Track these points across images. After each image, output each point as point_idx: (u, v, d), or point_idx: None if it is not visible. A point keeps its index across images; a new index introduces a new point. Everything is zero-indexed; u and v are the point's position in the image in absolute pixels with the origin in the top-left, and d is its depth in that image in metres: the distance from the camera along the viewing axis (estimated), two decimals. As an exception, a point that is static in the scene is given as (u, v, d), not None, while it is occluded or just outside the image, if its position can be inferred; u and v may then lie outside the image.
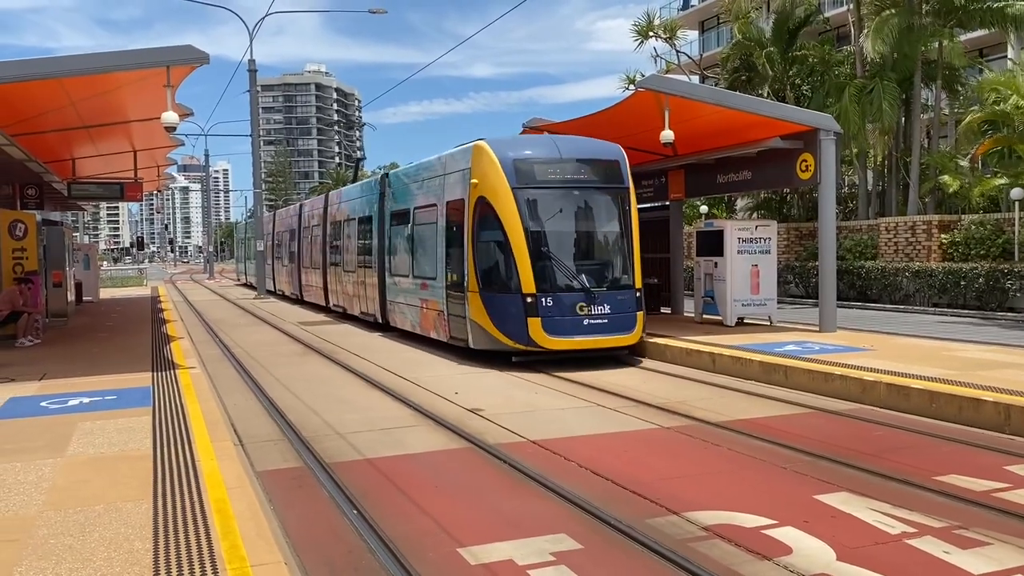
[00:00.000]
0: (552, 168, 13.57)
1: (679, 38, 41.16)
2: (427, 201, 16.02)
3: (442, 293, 14.92)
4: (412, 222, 16.79)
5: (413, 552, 5.39)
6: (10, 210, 19.82)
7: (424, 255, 16.06)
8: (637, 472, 7.27)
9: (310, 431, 9.07)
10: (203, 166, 79.82)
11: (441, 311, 15.00)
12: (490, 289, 13.44)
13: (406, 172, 18.23)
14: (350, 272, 22.18)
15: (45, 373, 12.52)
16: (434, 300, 15.39)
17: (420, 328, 16.42)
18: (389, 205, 18.70)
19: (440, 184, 15.36)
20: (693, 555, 5.32)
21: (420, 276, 16.25)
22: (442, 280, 14.91)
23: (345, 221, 22.96)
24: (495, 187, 13.29)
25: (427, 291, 15.79)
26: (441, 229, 15.01)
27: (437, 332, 15.43)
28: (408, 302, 17.14)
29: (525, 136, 17.69)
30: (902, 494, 6.46)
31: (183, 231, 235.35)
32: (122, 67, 12.50)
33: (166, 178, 30.74)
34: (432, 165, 16.25)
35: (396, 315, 18.16)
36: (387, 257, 18.61)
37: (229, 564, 4.89)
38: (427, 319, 15.97)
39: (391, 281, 18.37)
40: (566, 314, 13.03)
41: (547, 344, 12.97)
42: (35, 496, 6.35)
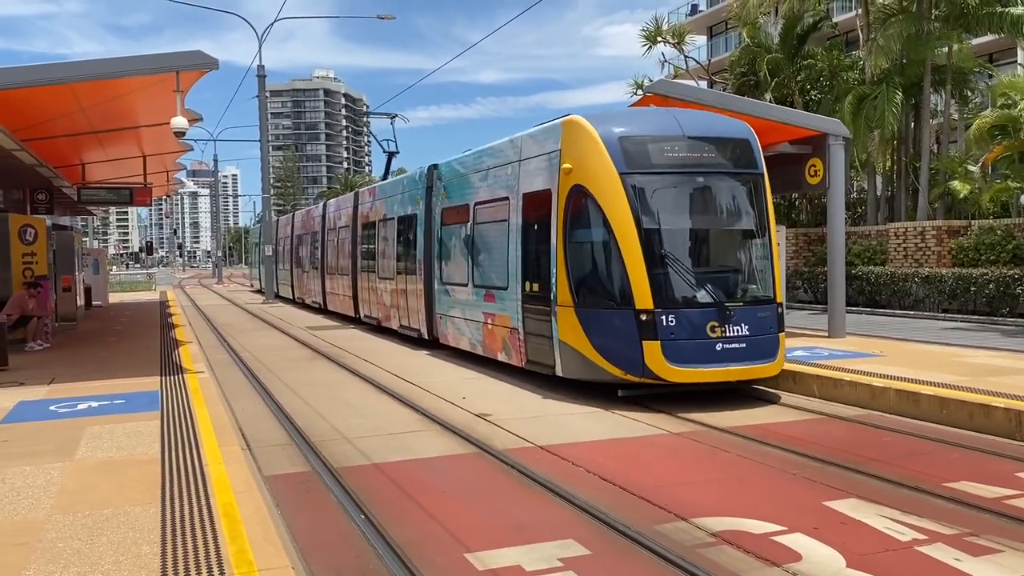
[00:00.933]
0: (671, 148, 10.81)
1: (687, 43, 41.13)
2: (493, 194, 13.46)
3: (516, 307, 12.32)
4: (472, 220, 14.18)
5: (420, 557, 5.38)
6: (20, 214, 19.90)
7: (490, 260, 13.54)
8: (645, 478, 7.25)
9: (316, 435, 9.06)
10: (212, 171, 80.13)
11: (514, 329, 12.41)
12: (589, 303, 10.76)
13: (462, 161, 15.25)
14: (386, 279, 19.52)
15: (54, 377, 12.57)
16: (503, 315, 12.79)
17: (482, 348, 13.81)
18: (439, 201, 16.04)
19: (513, 173, 12.71)
20: (701, 561, 5.29)
21: (484, 285, 13.68)
22: (516, 291, 12.32)
23: (381, 221, 20.19)
24: (597, 173, 10.60)
25: (494, 304, 13.19)
26: (515, 228, 12.44)
27: (507, 354, 12.80)
28: (466, 316, 14.49)
29: (629, 110, 15.05)
30: (912, 501, 6.42)
31: (192, 236, 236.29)
32: (132, 72, 12.56)
33: (175, 183, 30.88)
34: (500, 151, 13.53)
35: (448, 331, 15.48)
36: (437, 262, 15.96)
37: (236, 568, 4.89)
38: (493, 338, 13.36)
39: (442, 290, 15.77)
40: (694, 336, 10.24)
41: (668, 375, 10.14)
42: (44, 500, 6.37)
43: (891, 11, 28.13)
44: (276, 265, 36.73)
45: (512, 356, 12.62)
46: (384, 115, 26.43)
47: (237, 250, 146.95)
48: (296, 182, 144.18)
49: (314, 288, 28.62)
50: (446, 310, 15.54)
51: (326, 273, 26.51)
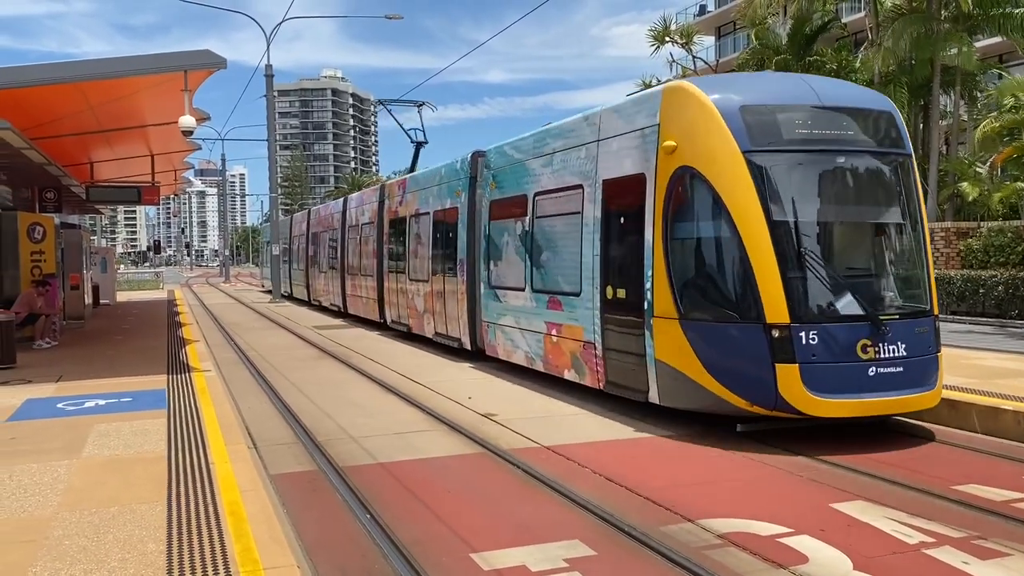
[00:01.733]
0: (805, 120, 8.81)
1: (695, 43, 41.09)
2: (561, 182, 11.40)
3: (592, 317, 10.33)
4: (531, 214, 12.23)
5: (426, 557, 5.38)
6: (29, 213, 19.98)
7: (555, 260, 11.62)
8: (651, 479, 7.23)
9: (323, 435, 9.06)
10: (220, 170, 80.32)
11: (589, 343, 10.45)
12: (701, 314, 8.77)
13: (518, 145, 13.14)
14: (419, 281, 17.50)
15: (62, 375, 12.61)
16: (573, 326, 10.84)
17: (543, 363, 11.87)
18: (486, 193, 14.05)
19: (589, 156, 10.65)
20: (708, 563, 5.28)
21: (546, 290, 11.74)
22: (594, 297, 10.30)
23: (412, 217, 18.19)
24: (713, 152, 8.63)
25: (560, 312, 11.24)
26: (592, 221, 10.45)
27: (578, 373, 10.84)
28: (521, 325, 12.56)
29: (746, 73, 12.65)
30: (920, 503, 6.39)
31: (199, 235, 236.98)
32: (140, 71, 12.61)
33: (183, 182, 31.02)
34: (571, 130, 11.36)
35: (497, 342, 13.49)
36: (483, 263, 14.04)
37: (242, 567, 4.89)
38: (558, 353, 11.37)
39: (489, 295, 13.78)
40: (840, 358, 8.23)
41: (809, 407, 8.06)
42: (51, 497, 6.39)
43: (900, 11, 28.05)
44: (290, 265, 35.81)
45: (585, 375, 10.64)
46: (411, 103, 24.77)
47: (245, 249, 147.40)
48: (304, 182, 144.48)
49: (332, 289, 26.87)
50: (495, 318, 13.56)
51: (346, 274, 24.69)
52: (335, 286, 26.20)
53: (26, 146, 13.42)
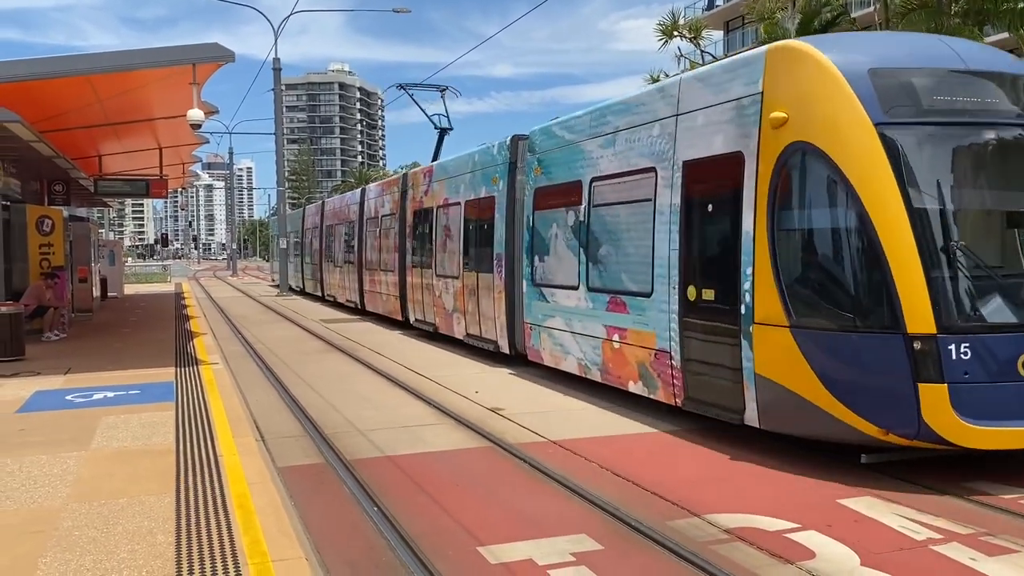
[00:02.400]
0: (951, 88, 7.37)
1: (704, 38, 40.90)
2: (627, 165, 9.90)
3: (669, 321, 8.86)
4: (587, 202, 10.75)
5: (433, 550, 5.39)
6: (38, 206, 20.07)
7: (618, 255, 10.18)
8: (658, 474, 7.23)
9: (331, 427, 9.08)
10: (227, 164, 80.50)
11: (663, 352, 9.01)
12: (818, 320, 7.28)
13: (570, 125, 11.61)
14: (448, 278, 16.10)
15: (70, 367, 12.68)
16: (642, 331, 9.41)
17: (602, 373, 10.44)
18: (530, 180, 12.56)
19: (665, 134, 9.14)
20: (715, 558, 5.28)
21: (607, 289, 10.30)
22: (670, 298, 8.84)
23: (440, 208, 16.81)
24: (836, 123, 7.20)
25: (625, 315, 9.82)
26: (668, 209, 8.94)
27: (647, 385, 9.41)
28: (573, 329, 11.10)
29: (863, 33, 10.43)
30: (927, 500, 6.37)
31: (207, 228, 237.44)
32: (149, 64, 12.65)
33: (191, 175, 31.08)
34: (640, 104, 9.85)
35: (543, 346, 12.03)
36: (526, 258, 12.57)
37: (250, 559, 4.92)
38: (621, 361, 9.98)
39: (533, 294, 12.32)
40: (999, 376, 6.82)
41: (961, 437, 6.68)
42: (60, 488, 6.43)
43: (910, 6, 27.90)
44: (301, 259, 34.88)
45: (656, 390, 9.23)
46: (433, 87, 23.44)
47: (252, 243, 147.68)
48: (310, 176, 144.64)
49: (348, 285, 25.45)
50: (540, 319, 12.08)
51: (364, 268, 23.34)
52: (351, 282, 24.92)
53: (35, 139, 13.46)
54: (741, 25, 48.33)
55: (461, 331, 15.37)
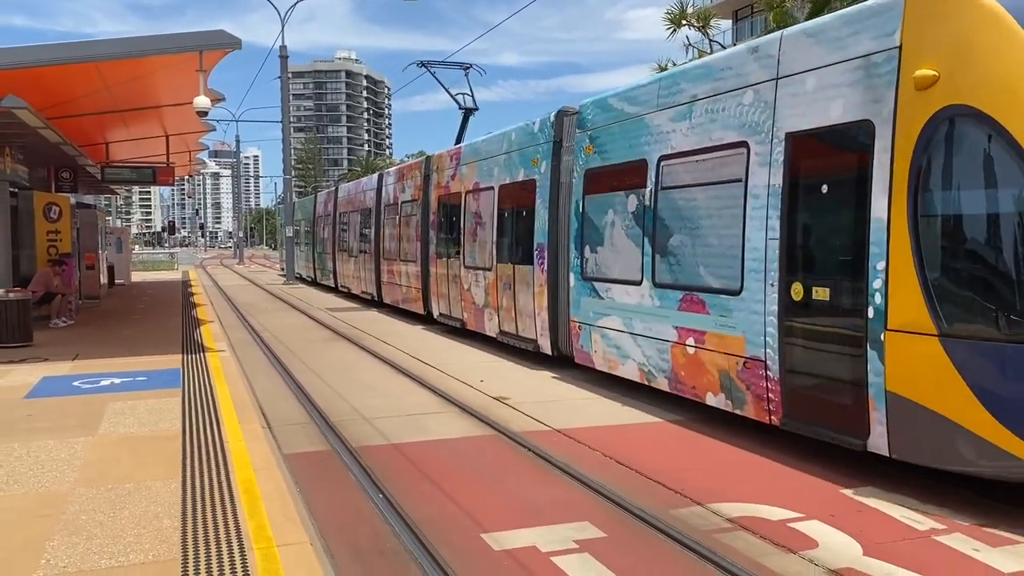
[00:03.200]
0: None
1: (712, 27, 40.72)
2: (708, 140, 8.58)
3: (764, 323, 7.62)
4: (654, 185, 9.44)
5: (437, 536, 5.42)
6: (45, 192, 20.12)
7: (696, 245, 8.80)
8: (662, 462, 7.25)
9: (336, 415, 9.12)
10: (234, 152, 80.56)
11: (756, 360, 7.75)
12: (982, 329, 5.99)
13: (631, 95, 10.21)
14: (478, 269, 14.85)
15: (78, 353, 12.74)
16: (729, 335, 8.15)
17: (671, 382, 9.21)
18: (580, 160, 11.26)
19: (761, 101, 7.80)
20: (717, 546, 5.30)
21: (680, 284, 9.00)
22: (767, 296, 7.59)
23: (470, 193, 15.43)
24: (1008, 82, 5.89)
25: (706, 315, 8.53)
26: (766, 191, 7.62)
27: (731, 398, 8.22)
28: (634, 330, 9.86)
29: None
30: (930, 491, 6.37)
31: (214, 216, 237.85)
32: (156, 51, 12.66)
33: (197, 163, 31.12)
34: (727, 68, 8.48)
35: (595, 348, 10.79)
36: (575, 248, 11.32)
37: (256, 544, 4.96)
38: (697, 369, 8.74)
39: (583, 288, 11.03)
40: None
41: None
42: (67, 473, 6.48)
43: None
44: (313, 248, 33.80)
45: (745, 404, 7.96)
46: (456, 65, 22.00)
47: (259, 231, 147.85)
48: (317, 164, 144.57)
49: (364, 276, 24.10)
50: (591, 318, 10.85)
51: (382, 258, 22.02)
52: (367, 272, 23.60)
53: (42, 125, 13.49)
54: (750, 14, 48.12)
55: (493, 328, 14.17)
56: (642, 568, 5.06)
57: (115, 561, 4.75)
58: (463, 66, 21.87)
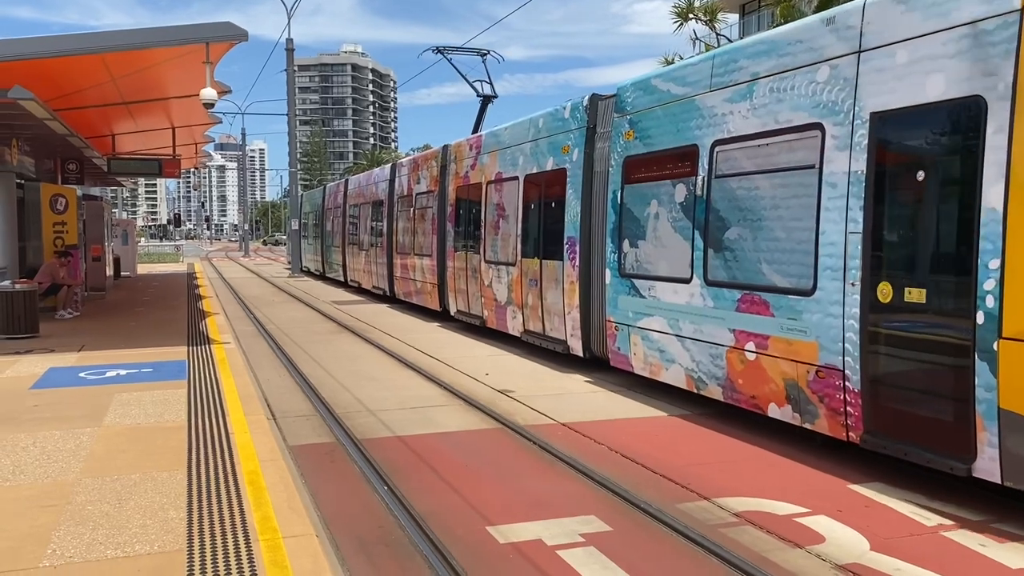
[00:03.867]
0: None
1: (720, 20, 40.57)
2: (772, 122, 7.77)
3: (844, 328, 6.81)
4: (708, 171, 8.60)
5: (443, 529, 5.41)
6: (51, 184, 20.15)
7: (758, 239, 7.89)
8: (668, 457, 7.23)
9: (342, 407, 9.12)
10: (240, 145, 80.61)
11: (832, 369, 6.95)
12: None
13: (679, 75, 9.35)
14: (501, 264, 14.05)
15: (84, 345, 12.77)
16: (797, 340, 7.34)
17: (726, 390, 8.37)
18: (618, 147, 10.38)
19: (840, 77, 7.00)
20: (724, 540, 5.28)
21: (738, 283, 8.14)
22: (845, 296, 6.80)
23: (492, 183, 14.65)
24: None
25: (770, 317, 7.68)
26: (846, 178, 6.85)
27: (799, 411, 7.38)
28: (683, 331, 9.00)
29: None
30: (938, 486, 6.35)
31: (219, 209, 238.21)
32: (163, 43, 12.65)
33: (203, 156, 31.11)
34: (795, 41, 7.57)
35: (634, 350, 9.97)
36: (612, 242, 10.44)
37: (262, 535, 4.96)
38: (757, 376, 7.89)
39: (622, 286, 10.17)
40: None
41: None
42: (73, 464, 6.48)
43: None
44: (322, 241, 33.22)
45: (816, 418, 7.17)
46: (473, 51, 21.27)
47: (264, 224, 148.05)
48: (323, 157, 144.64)
49: (376, 271, 23.45)
50: (630, 318, 10.02)
51: (395, 252, 21.39)
52: (379, 267, 22.93)
53: (49, 117, 13.49)
54: (757, 8, 47.92)
55: (517, 327, 13.41)
56: (648, 562, 5.04)
57: (121, 551, 4.75)
58: (480, 52, 21.04)
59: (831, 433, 7.03)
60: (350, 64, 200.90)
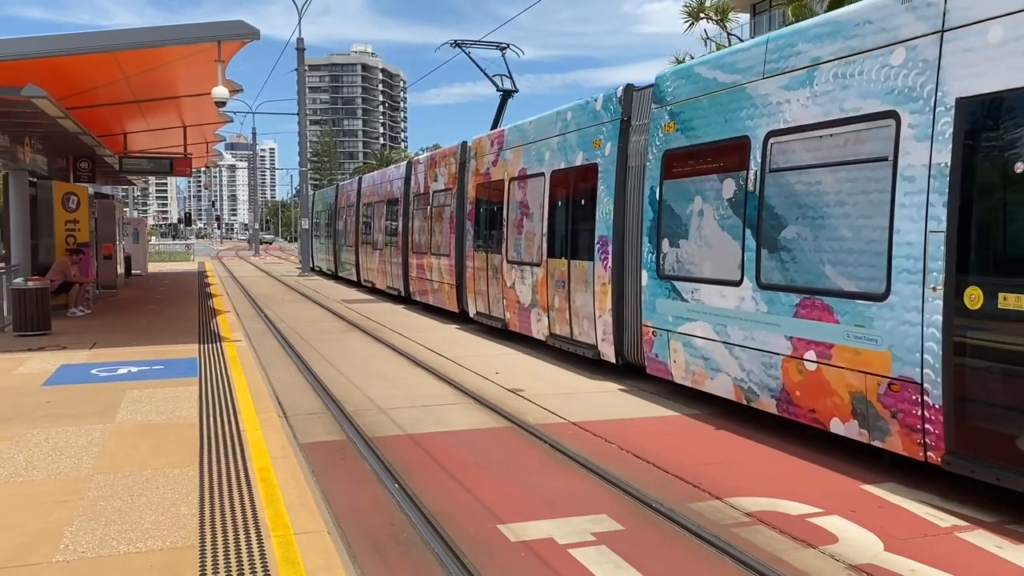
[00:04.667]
0: None
1: (731, 20, 40.45)
2: (837, 111, 7.13)
3: (924, 337, 6.19)
4: (761, 165, 7.98)
5: (454, 527, 5.40)
6: (63, 182, 20.25)
7: (819, 238, 7.25)
8: (679, 456, 7.20)
9: (352, 405, 9.12)
10: (250, 144, 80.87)
11: (907, 382, 6.35)
12: None
13: (726, 61, 8.77)
14: (525, 265, 13.45)
15: (95, 342, 12.82)
16: (867, 349, 6.72)
17: (781, 402, 7.72)
18: (657, 140, 9.75)
19: (919, 60, 6.39)
20: (736, 540, 5.25)
21: (798, 287, 7.48)
22: (924, 302, 6.19)
23: (515, 180, 14.08)
24: None
25: (834, 324, 7.03)
26: (928, 172, 6.24)
27: (867, 427, 6.76)
28: (731, 338, 8.35)
29: None
30: (952, 487, 6.30)
31: (230, 208, 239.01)
32: (174, 41, 12.69)
33: (214, 155, 31.21)
34: (864, 22, 7.00)
35: (674, 357, 9.34)
36: (650, 241, 9.81)
37: (273, 531, 4.96)
38: (818, 389, 7.26)
39: (661, 288, 9.55)
40: None
41: None
42: (85, 460, 6.50)
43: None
44: (334, 240, 32.83)
45: (888, 435, 6.52)
46: (492, 45, 20.67)
47: (274, 223, 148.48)
48: (332, 157, 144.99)
49: (391, 271, 22.93)
50: (671, 323, 9.39)
51: (410, 251, 20.88)
52: (394, 267, 22.43)
53: (62, 115, 13.55)
54: (768, 8, 47.76)
55: (542, 331, 12.83)
56: (660, 562, 5.02)
57: (133, 547, 4.76)
58: (499, 46, 20.35)
59: (905, 452, 6.40)
60: (360, 64, 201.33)
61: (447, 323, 17.11)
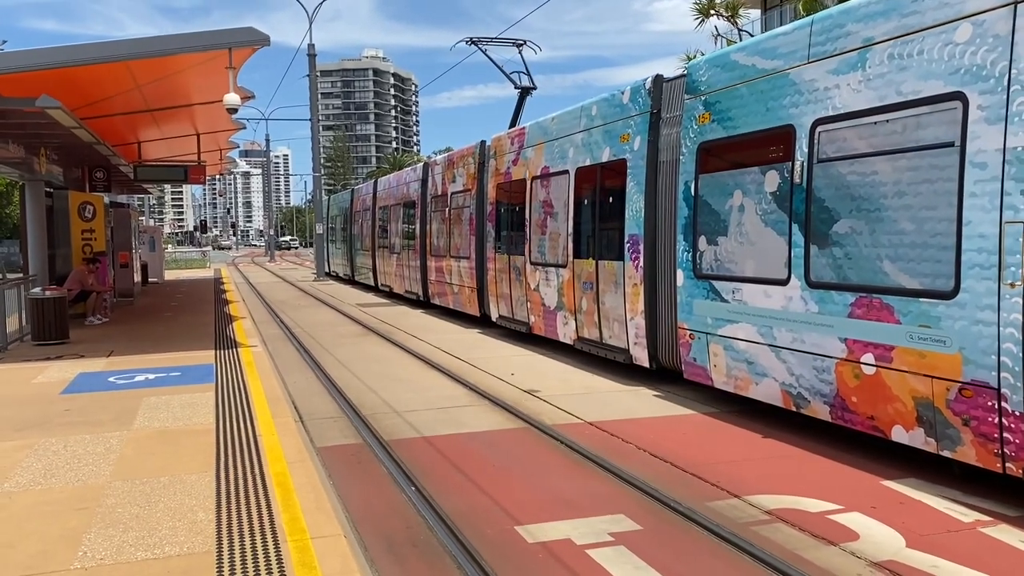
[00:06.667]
0: None
1: (741, 16, 40.29)
2: (892, 95, 6.62)
3: (1000, 339, 5.69)
4: (808, 156, 7.47)
5: (471, 529, 5.38)
6: (79, 192, 20.40)
7: (876, 233, 6.75)
8: (696, 455, 7.15)
9: (368, 408, 9.12)
10: (264, 151, 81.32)
11: (982, 388, 5.83)
12: None
13: (766, 47, 8.19)
14: (550, 266, 13.00)
15: (112, 350, 12.89)
16: (933, 352, 6.21)
17: (835, 409, 7.22)
18: (692, 131, 9.28)
19: (988, 37, 5.84)
20: (755, 539, 5.20)
21: (853, 285, 6.97)
22: (1001, 300, 5.68)
23: (538, 178, 13.59)
24: None
25: (896, 325, 6.53)
26: (1002, 158, 5.71)
27: (933, 435, 6.25)
28: (778, 340, 7.87)
29: None
30: (973, 482, 6.22)
31: (244, 215, 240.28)
32: (186, 49, 12.74)
33: (228, 162, 31.35)
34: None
35: (714, 361, 8.88)
36: (685, 239, 9.35)
37: (290, 536, 4.96)
38: (878, 394, 6.74)
39: (699, 289, 9.07)
40: None
41: None
42: (103, 467, 6.53)
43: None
44: (350, 245, 32.63)
45: (959, 445, 6.01)
46: (508, 41, 20.06)
47: (289, 229, 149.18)
48: (346, 162, 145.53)
49: (408, 274, 22.58)
50: (709, 325, 8.88)
51: (429, 255, 20.47)
52: (412, 270, 22.03)
53: (76, 125, 13.65)
54: (779, 3, 47.52)
55: (569, 334, 12.37)
56: (679, 561, 4.98)
57: (151, 553, 4.77)
58: (516, 42, 19.73)
59: (980, 463, 5.89)
60: (371, 69, 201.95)
61: (468, 327, 16.98)
